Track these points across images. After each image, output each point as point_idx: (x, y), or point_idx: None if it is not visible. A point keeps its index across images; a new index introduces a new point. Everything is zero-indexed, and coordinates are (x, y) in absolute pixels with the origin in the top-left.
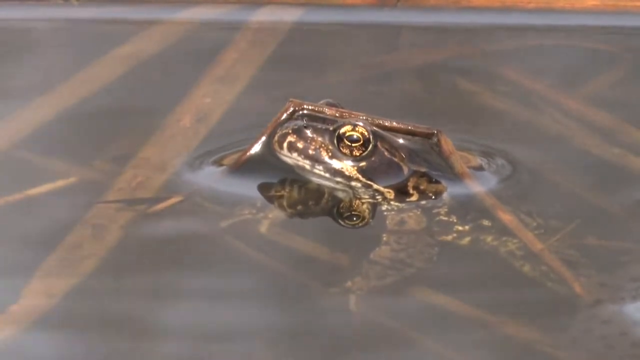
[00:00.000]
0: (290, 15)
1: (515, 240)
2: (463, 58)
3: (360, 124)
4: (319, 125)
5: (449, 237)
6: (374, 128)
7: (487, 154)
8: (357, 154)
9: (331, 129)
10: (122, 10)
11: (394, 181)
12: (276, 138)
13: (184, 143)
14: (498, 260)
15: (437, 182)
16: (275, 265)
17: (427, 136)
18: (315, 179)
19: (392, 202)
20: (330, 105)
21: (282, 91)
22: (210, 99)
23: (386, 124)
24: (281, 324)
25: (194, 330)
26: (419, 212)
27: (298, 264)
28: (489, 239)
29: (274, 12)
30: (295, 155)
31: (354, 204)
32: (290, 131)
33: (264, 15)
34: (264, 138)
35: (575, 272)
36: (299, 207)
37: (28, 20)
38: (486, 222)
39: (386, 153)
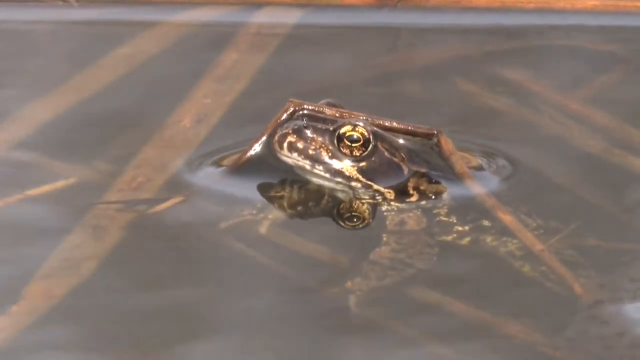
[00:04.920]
0: (290, 17)
1: (515, 241)
2: (463, 58)
3: (361, 124)
4: (319, 126)
5: (449, 238)
6: (374, 128)
7: (487, 154)
8: (357, 154)
9: (331, 129)
10: (121, 12)
11: (394, 181)
12: (276, 138)
13: (184, 144)
14: (498, 261)
15: (437, 182)
16: (275, 265)
17: (428, 136)
18: (315, 180)
19: (392, 203)
20: (330, 105)
21: (282, 92)
22: (210, 100)
23: (386, 124)
24: (281, 324)
25: (194, 331)
26: (419, 213)
27: (298, 265)
28: (489, 239)
29: (273, 13)
30: (295, 155)
31: (354, 204)
32: (290, 131)
33: (263, 17)
34: (264, 138)
35: (575, 272)
36: (299, 208)
37: (28, 21)
38: (486, 223)
39: (386, 153)
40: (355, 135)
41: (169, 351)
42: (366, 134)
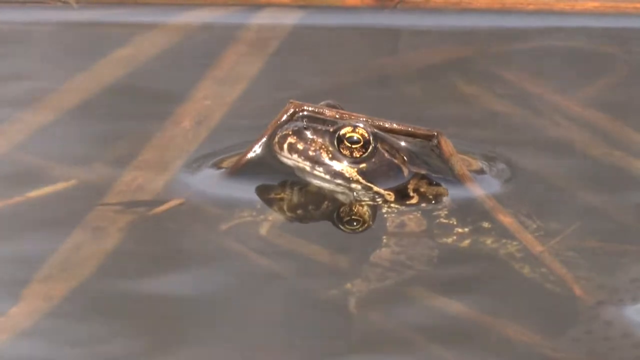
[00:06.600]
0: (290, 18)
1: (515, 243)
2: (463, 60)
3: (361, 125)
4: (319, 127)
5: (449, 240)
6: (374, 129)
7: (487, 156)
8: (358, 155)
9: (331, 130)
10: (121, 13)
11: (394, 183)
12: (276, 139)
13: (184, 145)
14: (498, 263)
15: (437, 184)
16: (275, 267)
17: (428, 138)
18: (315, 181)
19: (392, 205)
20: (330, 106)
21: (282, 93)
22: (210, 101)
23: (386, 125)
24: (281, 325)
25: (193, 332)
26: (419, 215)
27: (298, 266)
28: (489, 241)
29: (273, 14)
30: (295, 156)
31: (354, 206)
32: (290, 132)
33: (264, 18)
34: (264, 140)
35: (575, 274)
36: (299, 210)
37: (27, 23)
38: (486, 225)
39: (386, 155)
40: (356, 136)
41: (169, 352)
42: (366, 135)
